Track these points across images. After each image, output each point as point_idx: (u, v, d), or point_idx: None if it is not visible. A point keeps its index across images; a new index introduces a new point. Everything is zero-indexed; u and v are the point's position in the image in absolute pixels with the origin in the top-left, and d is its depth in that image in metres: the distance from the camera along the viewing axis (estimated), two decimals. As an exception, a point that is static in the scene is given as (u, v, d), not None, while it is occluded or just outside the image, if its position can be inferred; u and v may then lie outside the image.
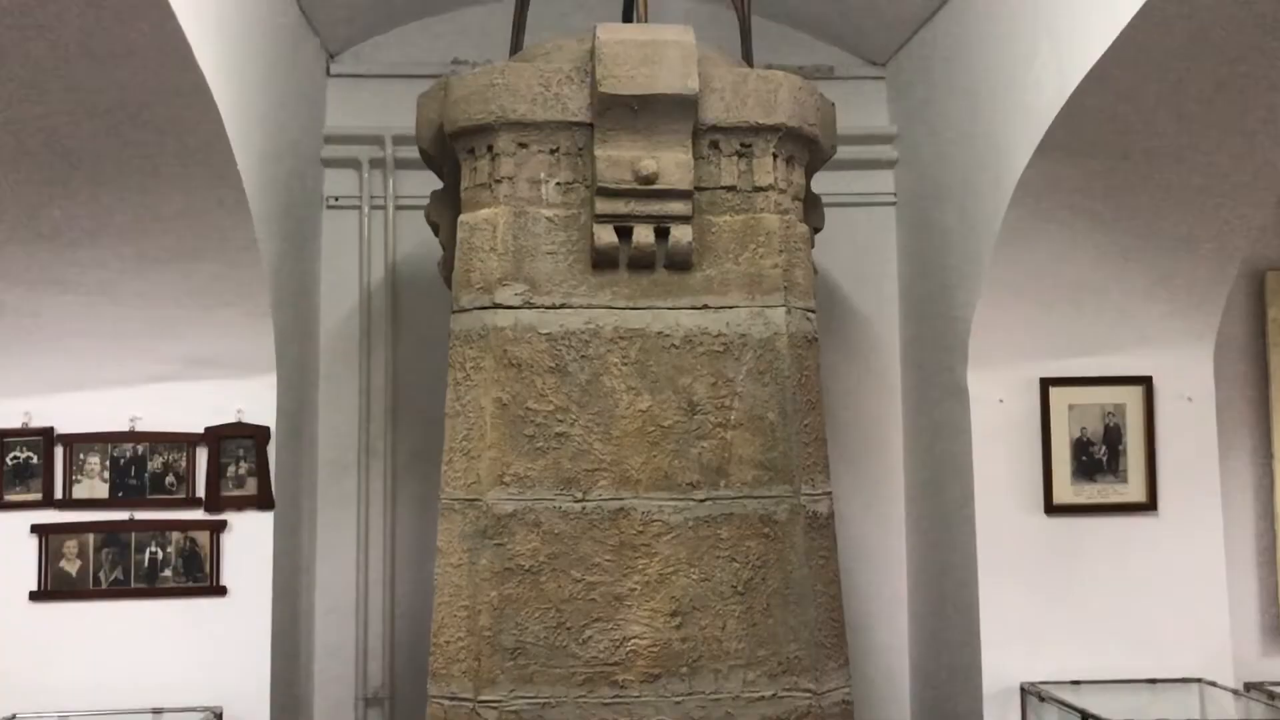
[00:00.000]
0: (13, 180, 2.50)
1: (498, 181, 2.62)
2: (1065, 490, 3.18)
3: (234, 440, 3.10)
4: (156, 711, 2.97)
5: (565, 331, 2.62)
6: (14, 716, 2.92)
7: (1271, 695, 3.15)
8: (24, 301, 2.85)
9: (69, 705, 2.96)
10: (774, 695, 2.52)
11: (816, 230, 2.97)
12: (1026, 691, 3.08)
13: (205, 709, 2.97)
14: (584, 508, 2.57)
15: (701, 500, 2.59)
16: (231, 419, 3.09)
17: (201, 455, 3.09)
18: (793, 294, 2.68)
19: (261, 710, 3.03)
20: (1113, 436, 3.20)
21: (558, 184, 2.63)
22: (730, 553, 2.57)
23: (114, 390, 3.06)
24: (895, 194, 3.80)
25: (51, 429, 3.05)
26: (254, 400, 3.11)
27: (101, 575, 3.03)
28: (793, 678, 2.52)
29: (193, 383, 3.08)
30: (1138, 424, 3.19)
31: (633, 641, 2.52)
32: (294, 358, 3.32)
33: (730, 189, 2.66)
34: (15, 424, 3.04)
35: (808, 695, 2.52)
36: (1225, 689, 3.08)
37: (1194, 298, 3.14)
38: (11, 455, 3.04)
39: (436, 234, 2.95)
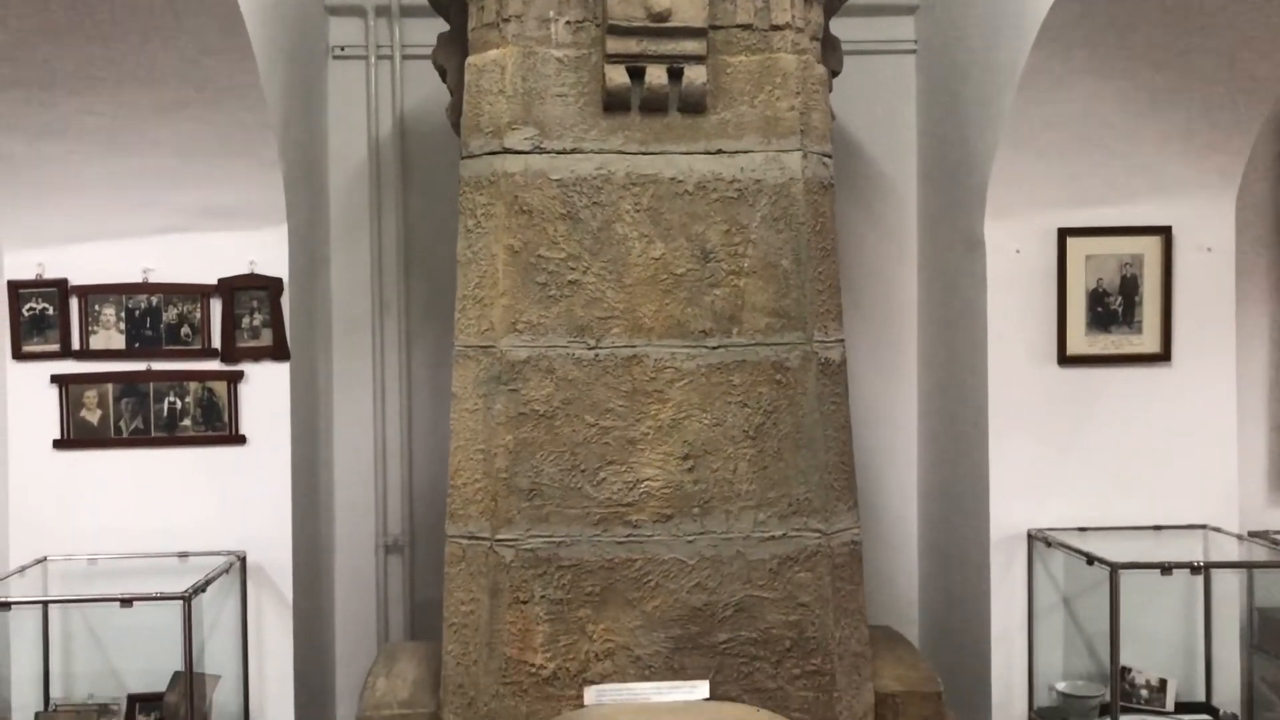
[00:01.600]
0: (16, 28, 2.45)
1: (505, 21, 2.56)
2: (1079, 341, 3.17)
3: (247, 292, 3.10)
4: (182, 556, 3.05)
5: (576, 177, 2.58)
6: (45, 559, 3.01)
7: (1275, 542, 3.19)
8: (32, 151, 2.82)
9: (97, 549, 3.04)
10: (784, 535, 2.56)
11: (835, 74, 2.90)
12: (1033, 537, 3.13)
13: (229, 553, 3.04)
14: (597, 355, 2.58)
15: (714, 347, 2.60)
16: (244, 270, 3.09)
17: (215, 307, 3.09)
18: (809, 138, 2.64)
19: (284, 555, 3.11)
20: (1129, 287, 3.18)
21: (567, 22, 2.56)
22: (742, 398, 2.59)
23: (126, 241, 3.05)
24: (915, 41, 3.70)
25: (65, 280, 3.05)
26: (266, 252, 3.10)
27: (122, 425, 3.07)
28: (802, 518, 2.57)
29: (204, 234, 3.07)
30: (1155, 275, 3.16)
31: (645, 483, 2.56)
32: (305, 210, 3.30)
33: (746, 27, 2.59)
34: (29, 275, 3.04)
35: (817, 535, 2.57)
36: (1229, 534, 3.13)
37: (1217, 148, 3.07)
38: (28, 307, 3.05)
39: (444, 79, 2.89)
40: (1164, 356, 3.17)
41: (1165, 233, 3.15)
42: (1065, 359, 3.16)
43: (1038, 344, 3.17)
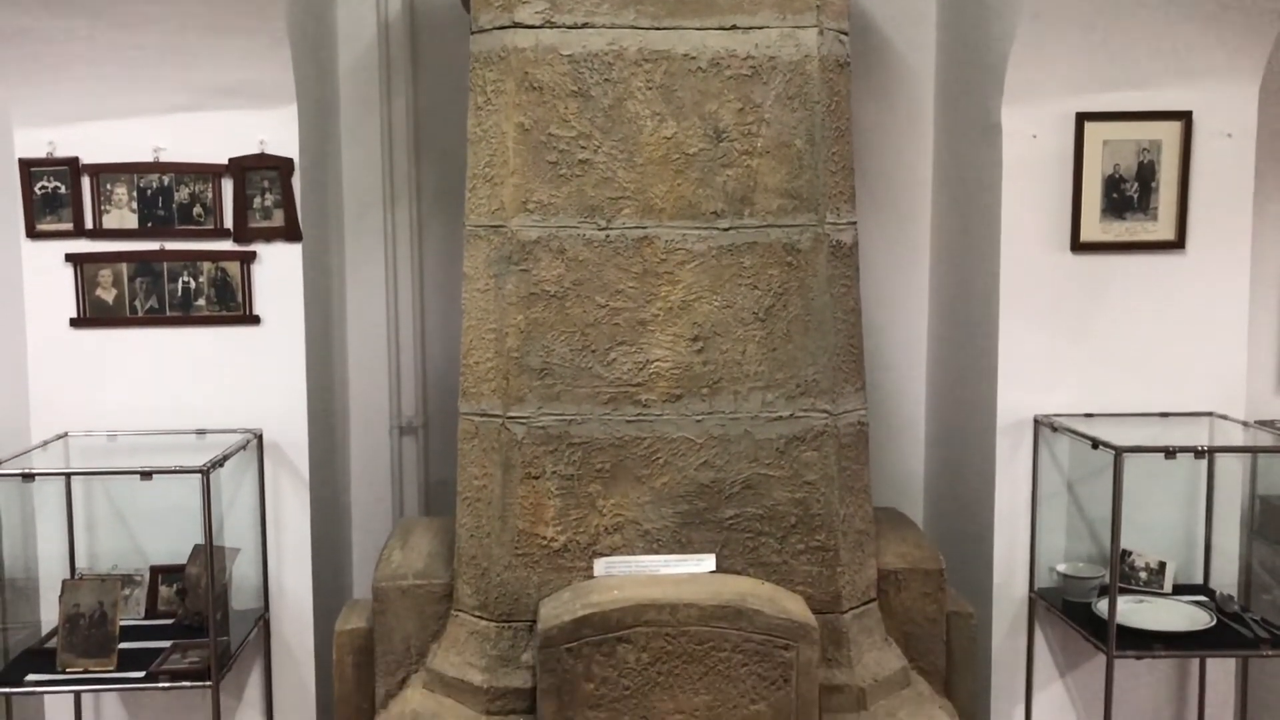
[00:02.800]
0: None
1: (517, -111, 2.50)
2: (1093, 228, 3.15)
3: (258, 172, 3.10)
4: (200, 433, 3.10)
5: (588, 53, 2.55)
6: (65, 435, 3.07)
7: (1280, 430, 3.22)
8: (41, 27, 2.80)
9: (116, 426, 3.10)
10: (791, 415, 2.59)
11: (852, -51, 2.83)
12: (1039, 423, 3.16)
13: (246, 431, 3.10)
14: (608, 235, 2.58)
15: (725, 229, 2.59)
16: (254, 150, 3.08)
17: (227, 187, 3.09)
18: (825, 14, 2.59)
19: (299, 433, 3.16)
20: (1146, 173, 3.14)
21: (579, -109, 2.50)
22: (752, 280, 2.60)
23: (136, 120, 3.04)
24: (936, -84, 3.60)
25: (76, 159, 3.05)
26: (276, 132, 3.08)
27: (137, 304, 3.10)
28: (810, 399, 2.60)
29: (214, 113, 3.05)
30: (1173, 161, 3.13)
31: (655, 364, 2.59)
32: (314, 90, 3.27)
33: (762, -103, 2.52)
34: (40, 154, 3.04)
35: (824, 415, 2.60)
36: (1235, 421, 3.15)
37: (1243, 31, 3.00)
38: (40, 185, 3.05)
39: (454, -48, 2.84)
40: (1178, 244, 3.15)
41: (1185, 118, 3.10)
42: (1079, 246, 3.14)
43: (1051, 231, 3.15)
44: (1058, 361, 3.17)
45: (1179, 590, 3.17)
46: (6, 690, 2.74)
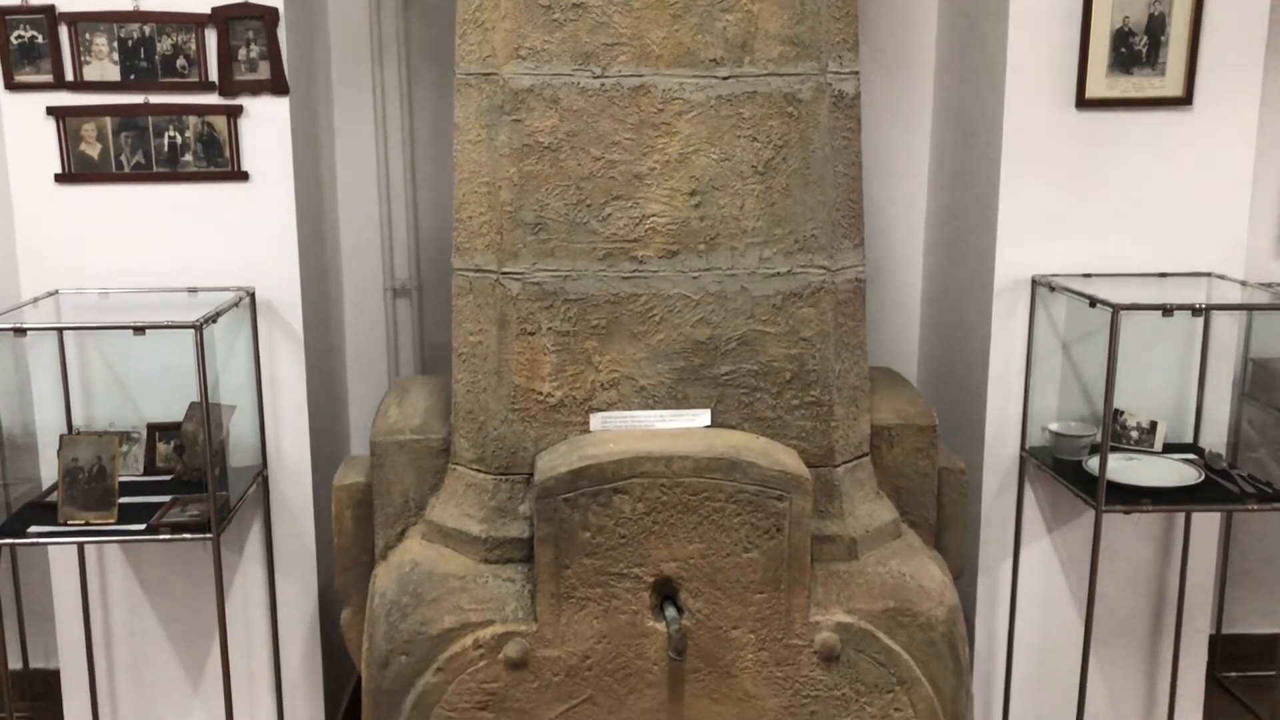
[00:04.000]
0: None
1: None
2: (1099, 84, 3.08)
3: (242, 21, 3.00)
4: (192, 291, 3.08)
5: (583, -109, 2.44)
6: (56, 292, 3.04)
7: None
8: None
9: (106, 284, 3.07)
10: (789, 271, 2.57)
11: None
12: (1037, 283, 3.14)
13: (238, 289, 3.07)
14: (603, 84, 2.51)
15: (724, 78, 2.53)
16: (237, -2, 2.98)
17: (210, 37, 2.99)
18: None
19: (292, 292, 3.14)
20: (1156, 27, 3.06)
21: None
22: (752, 132, 2.54)
23: (112, -35, 2.93)
24: None
25: (53, 7, 2.94)
26: (259, -21, 2.98)
27: (123, 159, 3.04)
28: (808, 255, 2.57)
29: (193, -41, 2.95)
30: (1184, 14, 3.04)
31: (651, 219, 2.55)
32: (297, -65, 3.15)
33: None
34: (14, 1, 2.94)
35: (822, 272, 2.58)
36: (1233, 281, 3.13)
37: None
38: (15, 34, 2.95)
39: None
40: (1185, 100, 3.09)
41: (1199, -33, 3.01)
42: (1084, 102, 3.08)
43: (1056, 86, 3.08)
44: (1058, 220, 3.14)
45: (1169, 449, 3.21)
46: (9, 541, 2.77)
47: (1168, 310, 2.77)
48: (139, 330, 2.69)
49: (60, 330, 3.01)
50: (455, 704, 2.39)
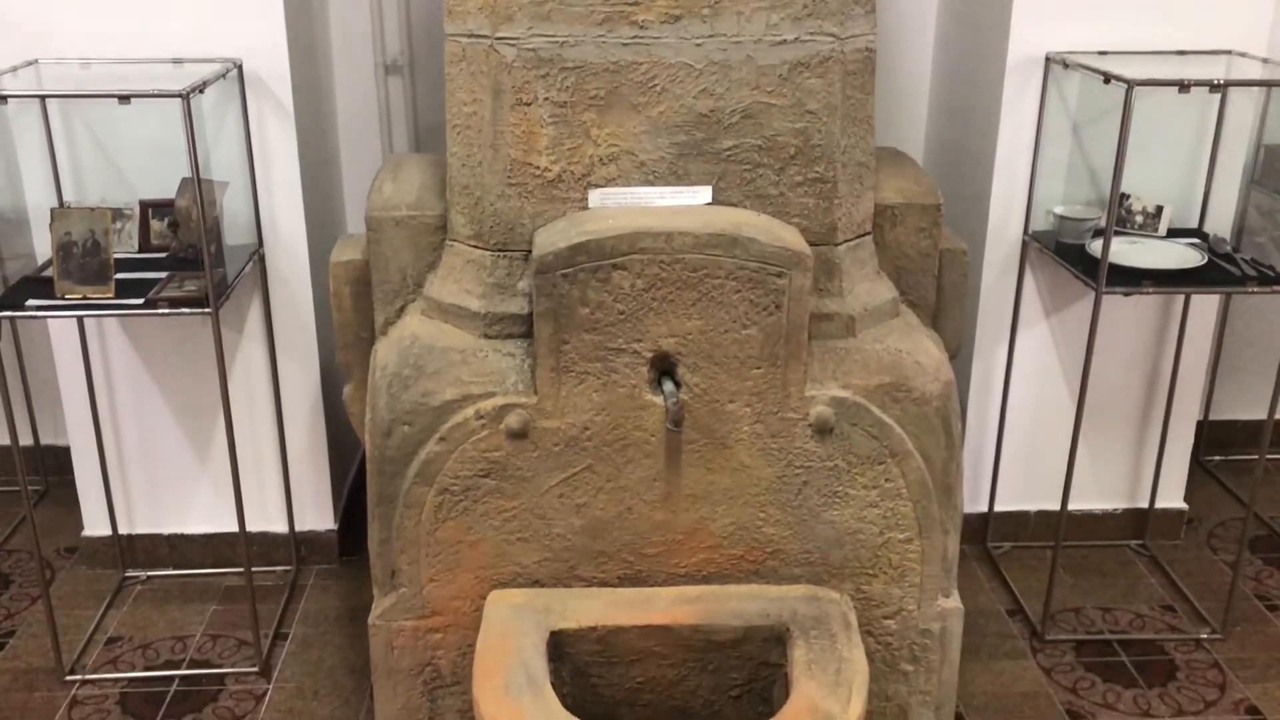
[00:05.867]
0: None
1: None
2: None
3: None
4: (176, 62, 2.97)
5: None
6: (36, 61, 2.93)
7: (1299, 72, 3.11)
8: None
9: (87, 54, 2.96)
10: (796, 39, 2.47)
11: None
12: (1051, 61, 3.04)
13: (225, 59, 2.96)
14: None
15: None
16: None
17: None
18: None
19: (281, 65, 3.03)
20: None
21: None
22: (760, -112, 2.39)
23: None
24: None
25: None
26: None
27: (95, -83, 2.87)
28: (817, 21, 2.46)
29: None
30: None
31: (653, -18, 2.42)
32: None
33: None
34: None
35: (831, 40, 2.48)
36: (1254, 58, 3.03)
37: None
38: None
39: None
40: None
41: None
42: None
43: None
44: (1076, -3, 3.01)
45: (1174, 234, 3.18)
46: (8, 314, 2.77)
47: (1184, 86, 2.68)
48: (124, 100, 2.60)
49: (43, 98, 2.92)
50: (458, 472, 2.45)
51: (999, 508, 3.59)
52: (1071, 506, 3.42)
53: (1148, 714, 2.91)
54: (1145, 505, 3.62)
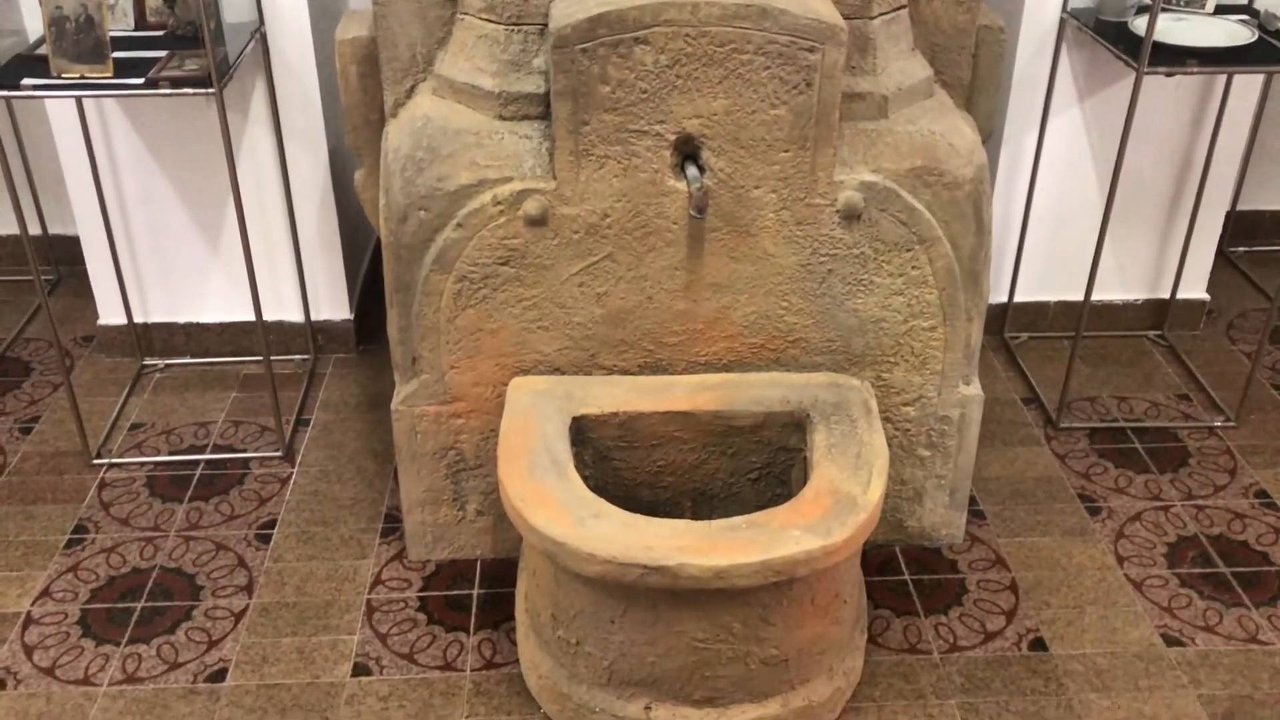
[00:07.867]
0: None
1: None
2: None
3: None
4: None
5: None
6: None
7: None
8: None
9: None
10: None
11: None
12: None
13: None
14: None
15: None
16: None
17: None
18: None
19: None
20: None
21: None
22: None
23: None
24: None
25: None
26: None
27: None
28: None
29: None
30: None
31: None
32: None
33: None
34: None
35: None
36: None
37: None
38: None
39: None
40: None
41: None
42: None
43: None
44: None
45: (1221, 10, 3.01)
46: (4, 94, 2.66)
47: None
48: None
49: None
50: (476, 259, 2.40)
51: (1019, 298, 3.55)
52: (1093, 297, 3.38)
53: (1158, 498, 2.96)
54: (1166, 296, 3.59)
